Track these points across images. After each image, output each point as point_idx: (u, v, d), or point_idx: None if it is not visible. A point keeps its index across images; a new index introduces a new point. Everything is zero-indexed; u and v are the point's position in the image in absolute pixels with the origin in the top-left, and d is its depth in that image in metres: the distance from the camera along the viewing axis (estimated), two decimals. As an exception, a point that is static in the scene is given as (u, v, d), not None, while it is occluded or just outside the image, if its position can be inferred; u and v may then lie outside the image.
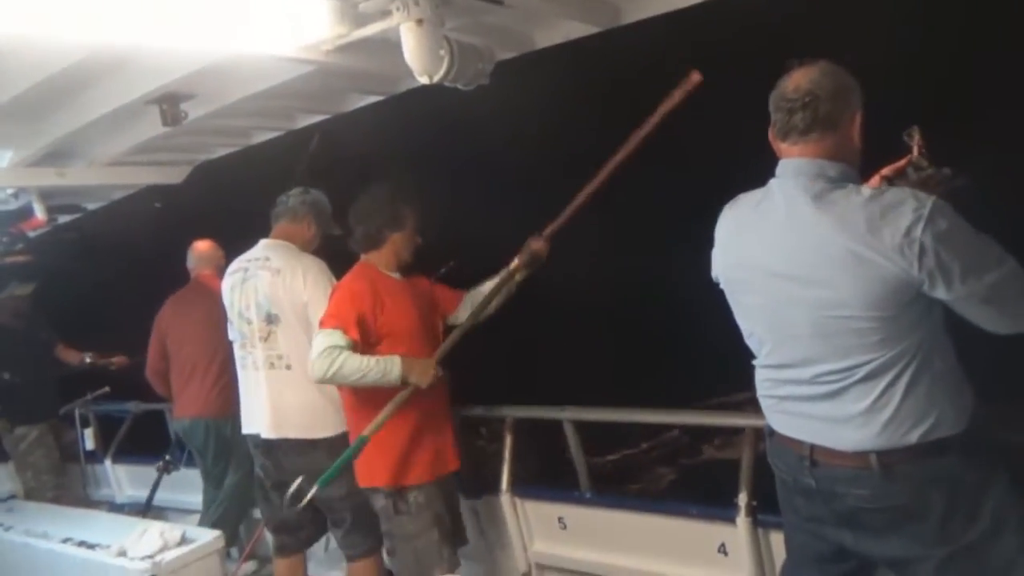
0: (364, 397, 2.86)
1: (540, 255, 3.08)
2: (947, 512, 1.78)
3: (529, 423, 3.47)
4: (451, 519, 3.04)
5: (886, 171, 2.01)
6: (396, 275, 3.00)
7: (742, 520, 2.76)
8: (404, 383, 2.74)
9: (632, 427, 5.96)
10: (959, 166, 1.94)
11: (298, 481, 2.82)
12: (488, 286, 3.09)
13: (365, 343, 2.76)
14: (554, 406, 3.33)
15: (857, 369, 1.78)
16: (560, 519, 3.34)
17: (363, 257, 3.02)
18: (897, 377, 1.76)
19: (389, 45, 2.44)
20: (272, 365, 3.16)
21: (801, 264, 1.80)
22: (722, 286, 2.08)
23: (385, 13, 2.27)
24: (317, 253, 3.32)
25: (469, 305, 3.10)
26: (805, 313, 1.82)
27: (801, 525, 2.05)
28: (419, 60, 2.27)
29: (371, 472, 2.94)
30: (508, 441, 3.44)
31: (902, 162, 1.99)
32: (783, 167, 1.88)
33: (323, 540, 3.49)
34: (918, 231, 1.65)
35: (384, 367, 2.70)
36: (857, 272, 1.71)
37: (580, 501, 3.29)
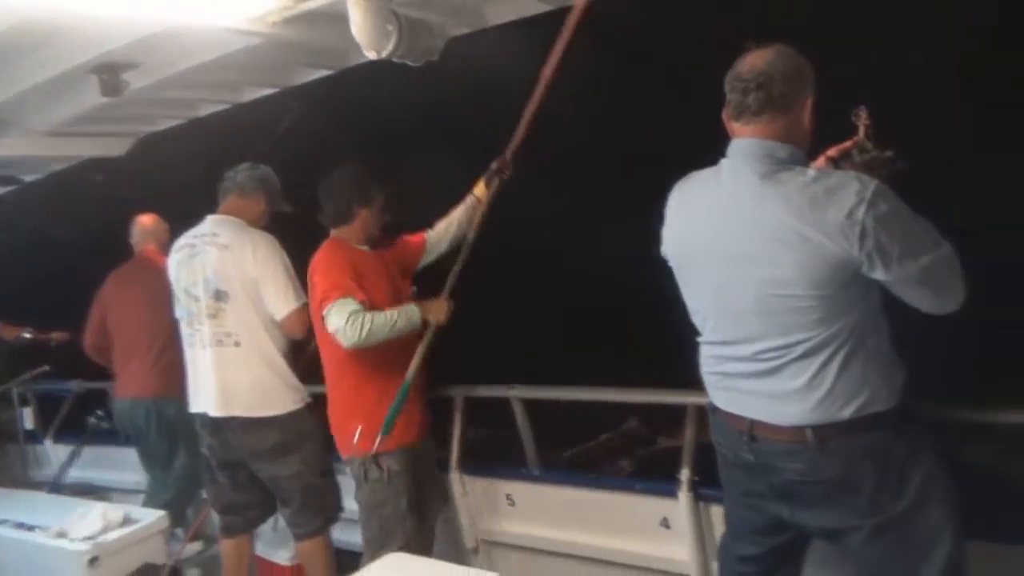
0: (369, 359, 2.91)
1: (503, 170, 3.22)
2: (877, 484, 1.85)
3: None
4: (422, 491, 3.09)
5: (832, 151, 2.06)
6: (366, 248, 3.08)
7: (683, 494, 2.82)
8: (425, 324, 2.93)
9: (590, 419, 5.98)
10: (901, 150, 1.99)
11: None
12: (456, 214, 3.24)
13: None
14: (502, 384, 3.35)
15: (796, 346, 1.83)
16: (508, 496, 3.38)
17: (333, 232, 3.06)
18: (833, 355, 1.82)
19: (337, 18, 2.41)
20: (220, 343, 3.11)
21: (747, 242, 1.85)
22: (670, 263, 2.12)
23: (332, -14, 2.23)
24: (266, 230, 3.27)
25: (445, 239, 3.24)
26: (749, 290, 1.87)
27: (740, 499, 2.12)
28: (366, 34, 2.25)
29: (345, 441, 2.99)
30: (457, 420, 3.46)
31: (848, 143, 2.05)
32: (734, 147, 1.91)
33: (271, 520, 3.47)
34: (860, 213, 1.70)
35: (406, 314, 2.86)
36: (800, 251, 1.76)
37: (527, 478, 3.33)
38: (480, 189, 3.26)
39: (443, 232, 3.25)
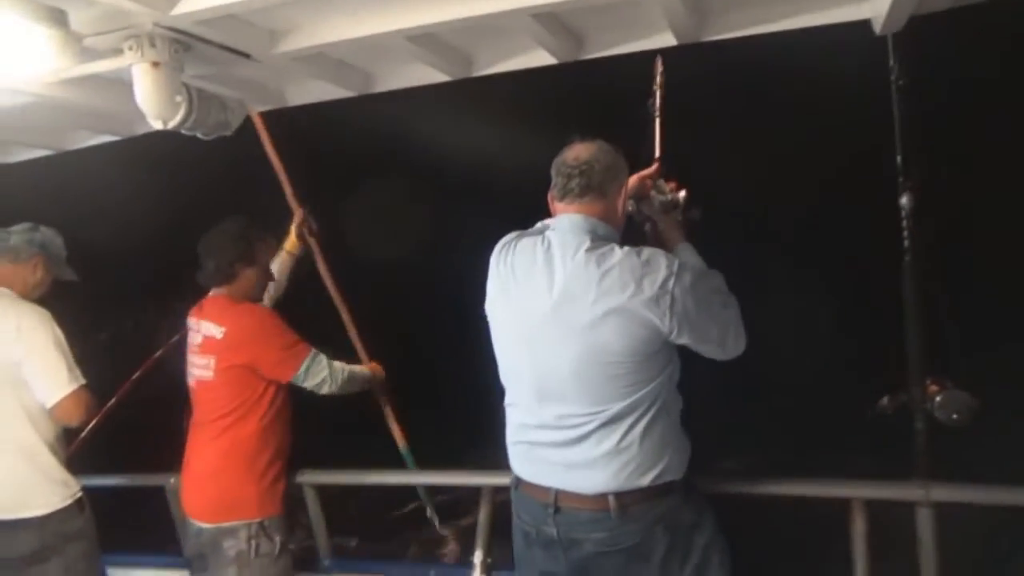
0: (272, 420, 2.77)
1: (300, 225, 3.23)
2: (668, 550, 1.98)
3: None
4: None
5: (635, 178, 2.26)
6: None
7: (477, 577, 2.81)
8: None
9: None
10: (693, 196, 2.27)
11: None
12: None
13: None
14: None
15: (604, 412, 1.95)
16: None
17: (213, 292, 2.82)
18: (637, 420, 1.96)
19: (122, 85, 2.30)
20: None
21: (569, 309, 1.96)
22: (490, 322, 2.18)
23: (117, 51, 2.15)
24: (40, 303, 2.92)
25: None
26: (566, 354, 1.97)
27: None
28: (153, 104, 2.17)
29: (233, 503, 2.71)
30: None
31: (651, 170, 2.29)
32: (560, 220, 2.09)
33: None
34: (670, 284, 1.92)
35: (368, 371, 3.02)
36: (620, 319, 1.91)
37: (319, 569, 3.17)
38: (290, 243, 3.24)
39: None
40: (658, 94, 2.35)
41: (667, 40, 2.45)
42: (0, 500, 2.70)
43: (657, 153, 2.33)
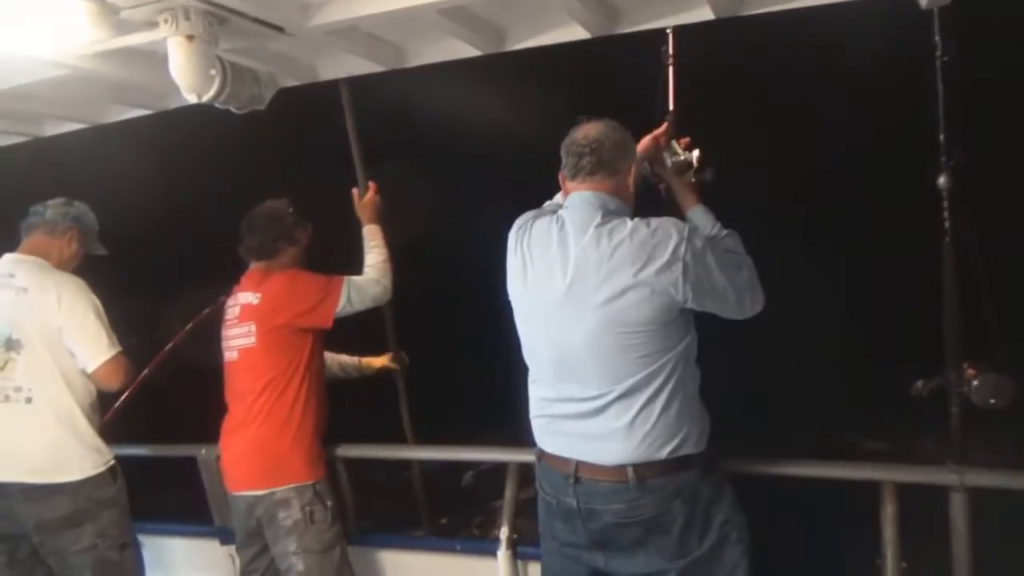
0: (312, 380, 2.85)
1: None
2: (686, 524, 2.00)
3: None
4: None
5: (647, 139, 2.29)
6: None
7: (503, 553, 2.84)
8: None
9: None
10: (706, 156, 2.27)
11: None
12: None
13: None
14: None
15: (620, 385, 1.98)
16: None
17: (254, 265, 2.94)
18: (656, 393, 1.97)
19: (156, 58, 2.31)
20: (7, 398, 2.77)
21: (583, 282, 1.99)
22: (512, 301, 2.21)
23: (151, 24, 2.14)
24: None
25: None
26: (582, 332, 1.99)
27: (559, 550, 2.20)
28: (187, 77, 2.17)
29: (284, 467, 2.78)
30: None
31: (661, 130, 2.30)
32: (572, 199, 2.12)
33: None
34: (681, 250, 1.94)
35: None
36: (634, 292, 1.94)
37: (348, 541, 3.21)
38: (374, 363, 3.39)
39: None
40: (671, 42, 2.34)
41: (705, 14, 2.40)
42: (38, 463, 2.76)
43: (671, 107, 2.33)
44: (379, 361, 3.36)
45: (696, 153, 2.26)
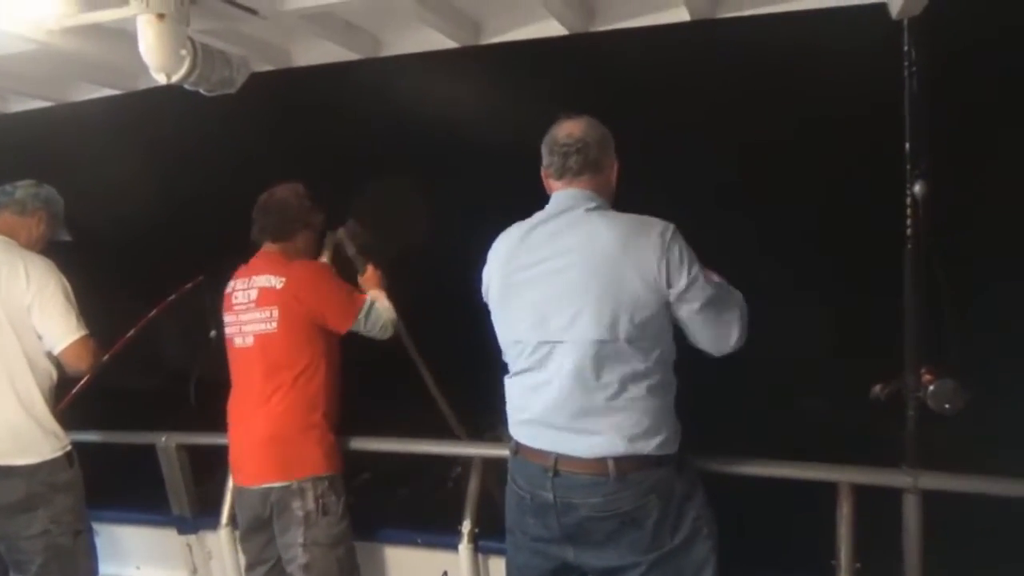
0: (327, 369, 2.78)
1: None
2: (659, 519, 2.02)
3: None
4: None
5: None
6: None
7: (464, 547, 2.84)
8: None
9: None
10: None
11: None
12: None
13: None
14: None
15: (603, 382, 1.98)
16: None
17: (265, 247, 2.84)
18: (639, 393, 1.99)
19: (125, 36, 2.27)
20: None
21: (572, 264, 2.01)
22: (493, 298, 2.21)
23: (122, 1, 2.10)
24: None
25: None
26: (569, 306, 2.00)
27: (527, 545, 2.19)
28: (156, 56, 2.13)
29: (302, 459, 2.70)
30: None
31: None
32: (557, 196, 2.15)
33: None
34: (667, 236, 1.99)
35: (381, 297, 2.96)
36: (621, 272, 1.96)
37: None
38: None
39: None
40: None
41: (681, 15, 2.42)
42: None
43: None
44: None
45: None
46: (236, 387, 2.83)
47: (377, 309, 2.82)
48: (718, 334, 2.07)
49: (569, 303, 2.01)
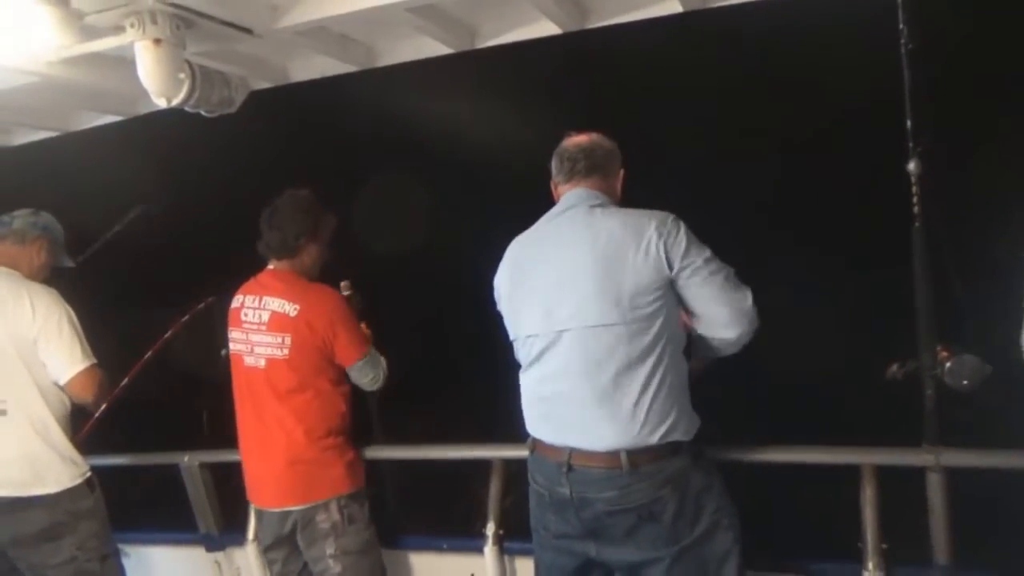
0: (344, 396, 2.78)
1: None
2: (677, 512, 2.02)
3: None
4: None
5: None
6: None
7: (489, 549, 2.84)
8: None
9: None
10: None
11: None
12: None
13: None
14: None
15: (612, 371, 2.00)
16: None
17: (273, 264, 2.78)
18: (648, 379, 2.00)
19: (124, 63, 2.29)
20: None
21: (580, 257, 2.06)
22: (504, 299, 2.26)
23: (118, 29, 2.13)
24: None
25: None
26: (575, 298, 2.04)
27: (551, 543, 2.21)
28: (156, 81, 2.15)
29: (324, 482, 2.69)
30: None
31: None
32: (564, 196, 2.22)
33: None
34: (668, 221, 2.06)
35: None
36: (628, 261, 2.01)
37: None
38: None
39: None
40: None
41: (673, 7, 2.42)
42: (14, 476, 2.72)
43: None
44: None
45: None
46: (246, 406, 2.80)
47: (376, 357, 2.79)
48: (732, 310, 2.05)
49: (572, 291, 2.05)
